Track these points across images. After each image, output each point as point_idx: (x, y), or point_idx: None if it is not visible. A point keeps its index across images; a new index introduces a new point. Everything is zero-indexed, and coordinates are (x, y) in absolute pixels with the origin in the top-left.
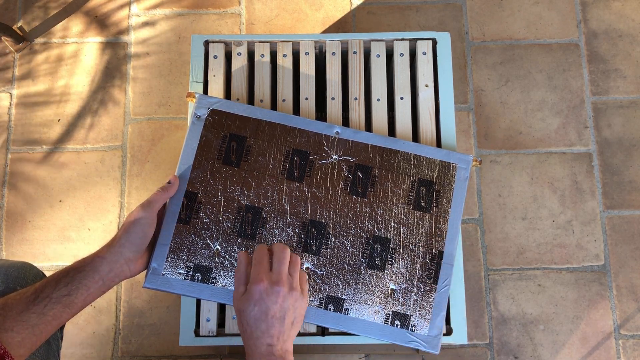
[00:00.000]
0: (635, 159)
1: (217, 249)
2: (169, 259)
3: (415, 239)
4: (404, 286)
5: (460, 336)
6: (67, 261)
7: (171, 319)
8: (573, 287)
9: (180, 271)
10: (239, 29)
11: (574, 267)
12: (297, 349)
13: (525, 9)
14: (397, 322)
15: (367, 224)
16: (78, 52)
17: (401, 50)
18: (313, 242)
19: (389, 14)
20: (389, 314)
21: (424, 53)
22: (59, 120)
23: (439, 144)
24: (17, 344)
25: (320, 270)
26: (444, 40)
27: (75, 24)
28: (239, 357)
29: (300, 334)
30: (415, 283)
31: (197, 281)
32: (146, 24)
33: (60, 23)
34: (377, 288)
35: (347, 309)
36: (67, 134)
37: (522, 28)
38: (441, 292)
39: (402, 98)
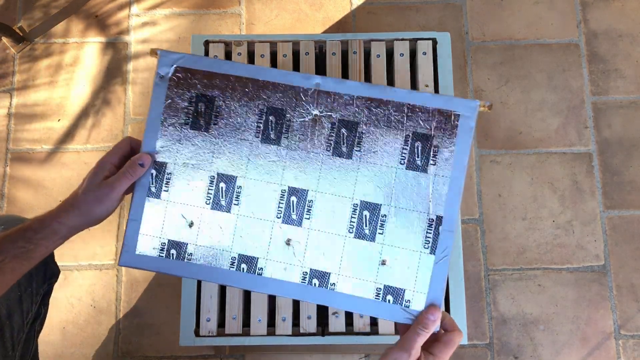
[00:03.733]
0: (635, 159)
1: (191, 223)
2: (142, 236)
3: (410, 203)
4: (396, 257)
5: None
6: (67, 261)
7: (171, 319)
8: (573, 287)
9: (154, 249)
10: (239, 29)
11: (574, 267)
12: (297, 349)
13: (525, 9)
14: (389, 297)
15: (354, 188)
16: (78, 52)
17: (401, 50)
18: (294, 212)
19: (389, 14)
20: (380, 288)
21: (424, 53)
22: (59, 120)
23: None
24: None
25: (303, 243)
26: (444, 40)
27: (75, 24)
28: (239, 357)
29: (300, 334)
30: (409, 253)
31: (173, 258)
32: (146, 24)
33: (61, 23)
34: (366, 260)
35: (334, 283)
36: (67, 134)
37: (522, 28)
38: (439, 263)
39: None
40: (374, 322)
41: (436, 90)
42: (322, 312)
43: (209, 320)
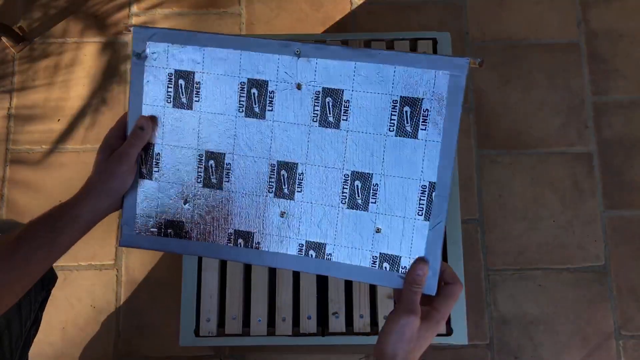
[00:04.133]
0: (635, 159)
1: (185, 201)
2: (139, 217)
3: (401, 170)
4: (391, 225)
5: (460, 336)
6: (67, 261)
7: (171, 319)
8: (573, 287)
9: (153, 229)
10: (239, 29)
11: (574, 267)
12: (297, 349)
13: (525, 9)
14: (385, 264)
15: (343, 159)
16: (78, 52)
17: (401, 50)
18: (285, 185)
19: (389, 14)
20: (375, 256)
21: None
22: (58, 120)
23: None
24: (4, 285)
25: (297, 215)
26: (444, 40)
27: (75, 24)
28: (239, 357)
29: (300, 334)
30: (403, 221)
31: (171, 236)
32: (146, 23)
33: (60, 23)
34: (361, 229)
35: (330, 253)
36: (66, 134)
37: (522, 28)
38: (434, 229)
39: None
40: (374, 322)
41: None
42: (322, 312)
43: (209, 320)
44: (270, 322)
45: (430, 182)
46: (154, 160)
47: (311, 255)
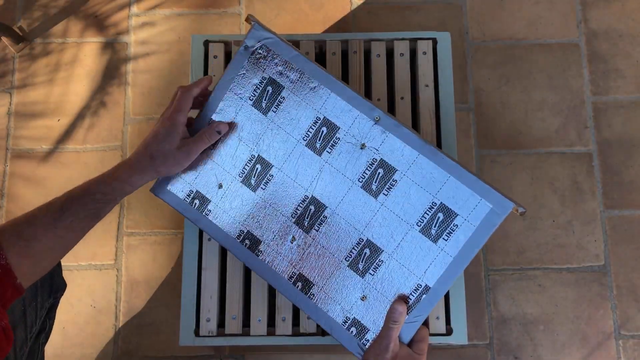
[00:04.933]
0: (635, 159)
1: (220, 186)
2: (177, 177)
3: (408, 262)
4: (376, 299)
5: (460, 336)
6: (67, 261)
7: (171, 319)
8: (573, 287)
9: (183, 192)
10: (239, 29)
11: (574, 267)
12: (297, 349)
13: (525, 9)
14: (353, 329)
15: (366, 225)
16: (78, 52)
17: (401, 50)
18: (307, 218)
19: (389, 14)
20: (349, 317)
21: (424, 53)
22: (58, 120)
23: (439, 143)
24: (47, 250)
25: (303, 248)
26: (444, 40)
27: (75, 24)
28: (239, 357)
29: (300, 334)
30: (387, 303)
31: (194, 207)
32: (146, 24)
33: (60, 23)
34: (349, 290)
35: (313, 294)
36: (66, 134)
37: (522, 28)
38: (409, 324)
39: (402, 98)
40: None
41: (436, 90)
42: None
43: (208, 320)
44: (270, 322)
45: (426, 284)
46: None
47: (298, 286)
